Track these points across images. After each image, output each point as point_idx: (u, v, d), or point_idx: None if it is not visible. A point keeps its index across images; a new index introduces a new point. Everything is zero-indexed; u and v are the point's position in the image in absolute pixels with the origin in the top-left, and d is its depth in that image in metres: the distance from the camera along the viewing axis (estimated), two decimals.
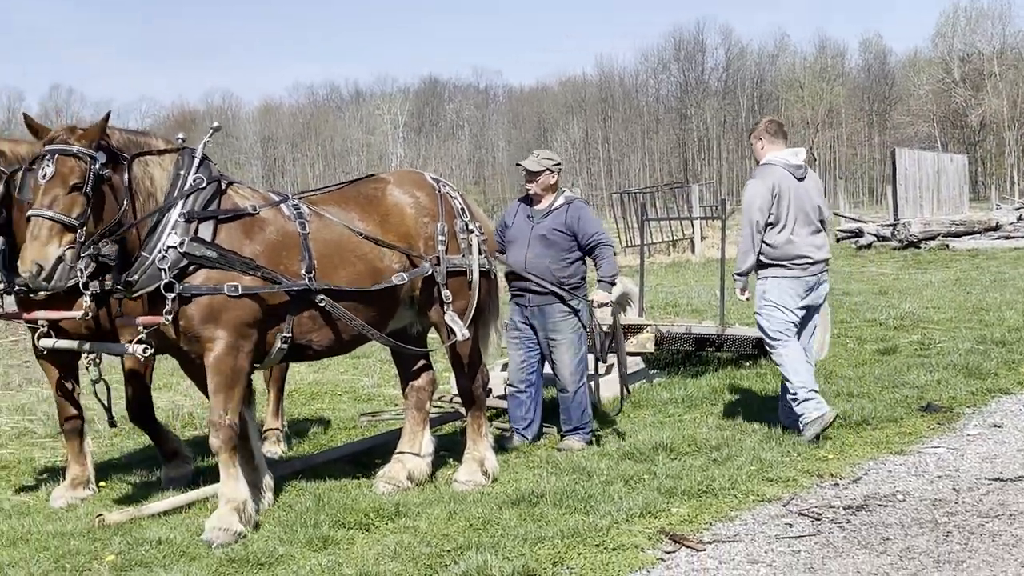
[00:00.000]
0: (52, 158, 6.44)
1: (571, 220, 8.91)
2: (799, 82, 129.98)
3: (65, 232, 6.36)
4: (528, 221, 9.02)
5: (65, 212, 6.36)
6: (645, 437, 8.82)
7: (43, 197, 6.38)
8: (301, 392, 12.19)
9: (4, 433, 10.40)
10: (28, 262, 6.25)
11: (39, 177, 6.44)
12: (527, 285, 8.91)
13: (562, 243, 8.90)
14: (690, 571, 6.05)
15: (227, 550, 6.46)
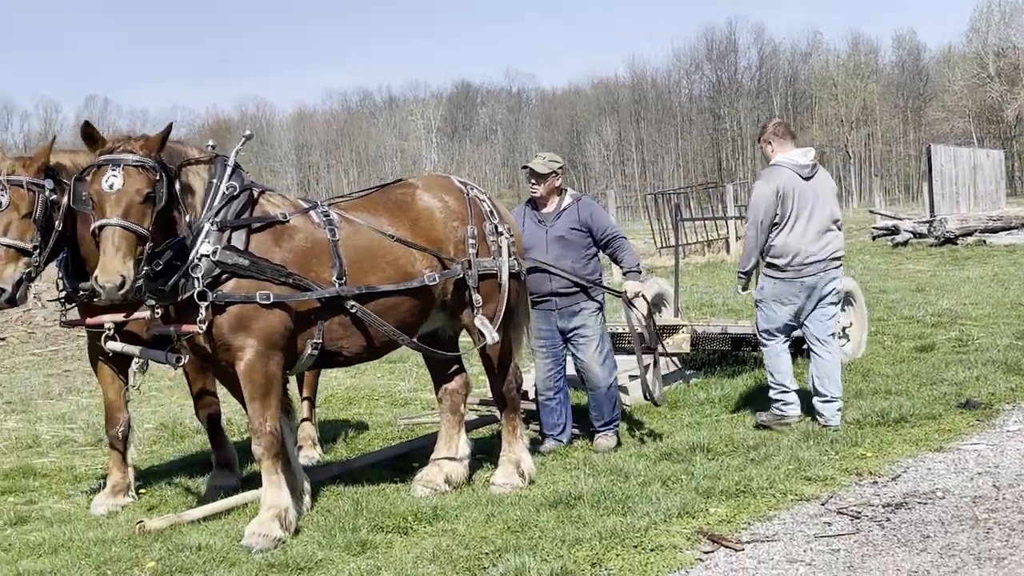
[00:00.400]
0: (118, 168, 6.45)
1: (584, 217, 8.95)
2: (832, 80, 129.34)
3: (138, 243, 6.40)
4: (540, 226, 9.01)
5: (137, 222, 6.39)
6: (682, 437, 8.80)
7: (115, 207, 6.39)
8: (338, 397, 12.24)
9: (45, 442, 10.49)
10: (113, 274, 6.25)
11: (106, 186, 6.41)
12: (553, 288, 8.89)
13: (580, 241, 8.94)
14: (729, 571, 6.03)
15: (266, 555, 6.50)
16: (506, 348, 8.11)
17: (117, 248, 6.31)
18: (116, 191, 6.40)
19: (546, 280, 8.84)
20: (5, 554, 6.91)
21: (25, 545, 7.06)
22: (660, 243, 29.83)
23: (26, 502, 8.36)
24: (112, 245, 6.32)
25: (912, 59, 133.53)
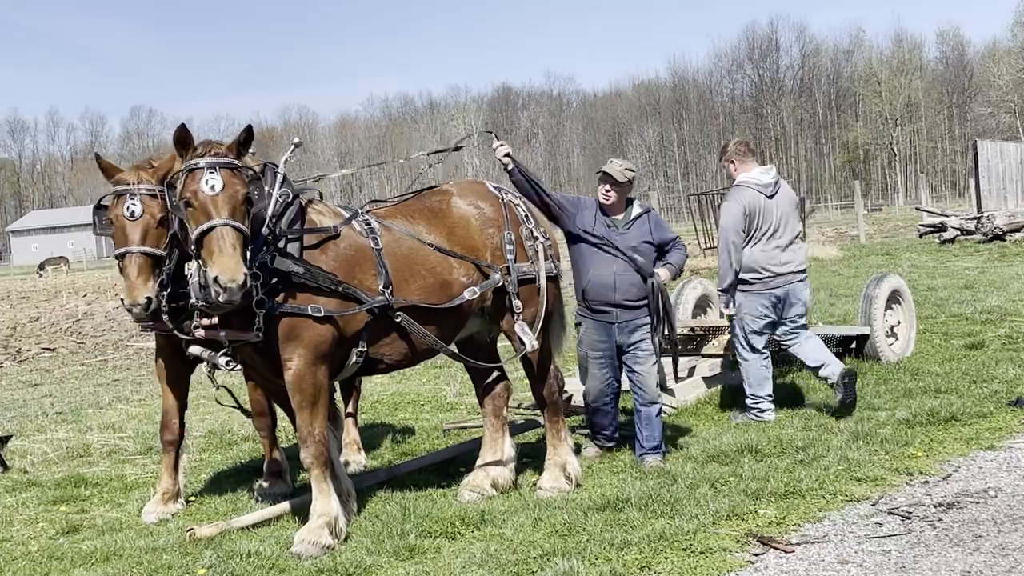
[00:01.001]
0: (216, 170, 6.46)
1: (654, 230, 8.54)
2: (876, 77, 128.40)
3: (244, 245, 6.44)
4: (610, 231, 8.49)
5: (240, 223, 6.43)
6: (730, 439, 8.76)
7: (222, 208, 6.39)
8: (384, 403, 12.27)
9: (95, 451, 10.58)
10: (236, 272, 6.25)
11: (207, 188, 6.41)
12: (617, 300, 8.41)
13: (648, 254, 8.46)
14: (779, 573, 5.99)
15: (316, 561, 6.52)
16: (546, 352, 8.10)
17: (234, 247, 6.33)
18: (219, 192, 6.41)
19: (610, 292, 8.41)
20: (58, 563, 6.97)
21: (78, 554, 7.12)
22: (704, 244, 29.67)
23: (78, 511, 8.44)
24: (229, 245, 6.33)
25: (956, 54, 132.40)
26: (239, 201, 6.45)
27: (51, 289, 52.34)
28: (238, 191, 6.45)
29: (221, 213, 6.37)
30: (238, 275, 6.25)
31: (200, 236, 6.39)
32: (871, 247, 33.74)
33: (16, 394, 15.97)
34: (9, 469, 9.89)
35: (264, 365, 7.01)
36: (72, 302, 39.46)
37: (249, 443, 10.25)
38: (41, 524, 8.08)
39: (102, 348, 22.48)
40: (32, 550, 7.35)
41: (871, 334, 11.90)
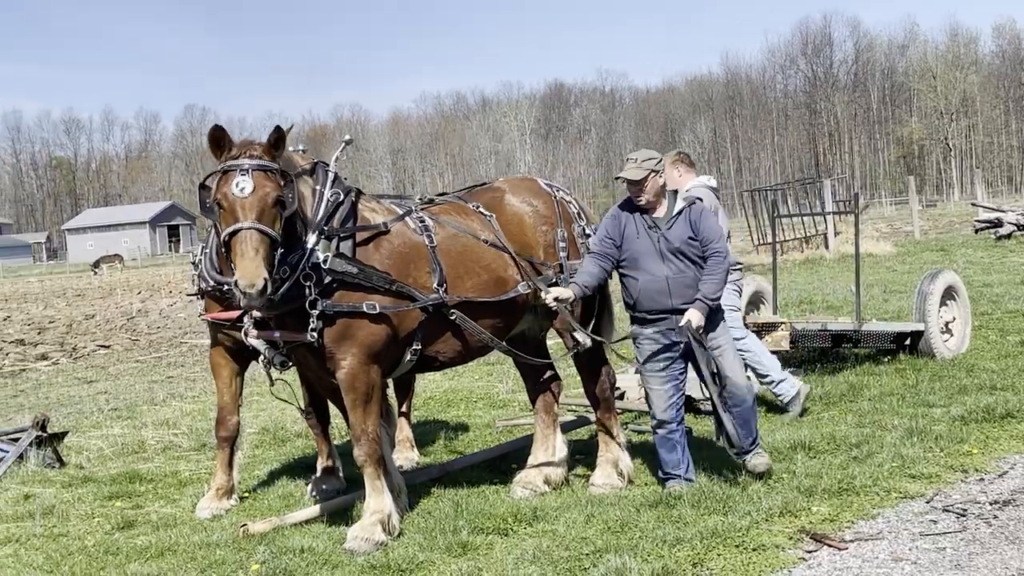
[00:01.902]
0: (247, 173, 6.44)
1: (694, 224, 7.61)
2: (931, 71, 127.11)
3: (271, 248, 6.42)
4: (652, 232, 7.62)
5: (269, 226, 6.41)
6: (783, 436, 8.70)
7: (248, 211, 6.37)
8: (437, 399, 12.30)
9: (150, 447, 10.68)
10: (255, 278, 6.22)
11: (236, 190, 6.39)
12: (673, 304, 7.52)
13: (698, 251, 7.61)
14: (833, 570, 5.95)
15: (368, 557, 6.55)
16: (598, 349, 8.08)
17: (256, 251, 6.31)
18: (250, 195, 6.40)
19: (665, 297, 7.55)
20: (113, 558, 7.05)
21: (133, 549, 7.19)
22: (757, 240, 29.56)
23: (133, 506, 8.52)
24: (251, 248, 6.31)
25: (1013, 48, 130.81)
26: (268, 204, 6.41)
27: (106, 287, 52.93)
28: (268, 194, 6.42)
29: (248, 216, 6.35)
30: (257, 280, 6.22)
31: (228, 238, 6.39)
32: (926, 243, 33.42)
33: (72, 390, 16.16)
34: (65, 465, 10.01)
35: (318, 364, 7.04)
36: (127, 299, 39.89)
37: (302, 439, 10.31)
38: (97, 519, 8.16)
39: (156, 345, 22.71)
40: (88, 545, 7.43)
41: (926, 330, 11.78)
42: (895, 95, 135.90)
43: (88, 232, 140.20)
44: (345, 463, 8.55)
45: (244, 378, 8.46)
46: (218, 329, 8.22)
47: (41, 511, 8.32)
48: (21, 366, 20.63)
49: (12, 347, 24.50)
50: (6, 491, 9.12)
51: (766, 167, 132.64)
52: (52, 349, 23.48)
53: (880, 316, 14.67)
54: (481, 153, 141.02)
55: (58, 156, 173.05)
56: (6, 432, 10.58)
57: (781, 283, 15.40)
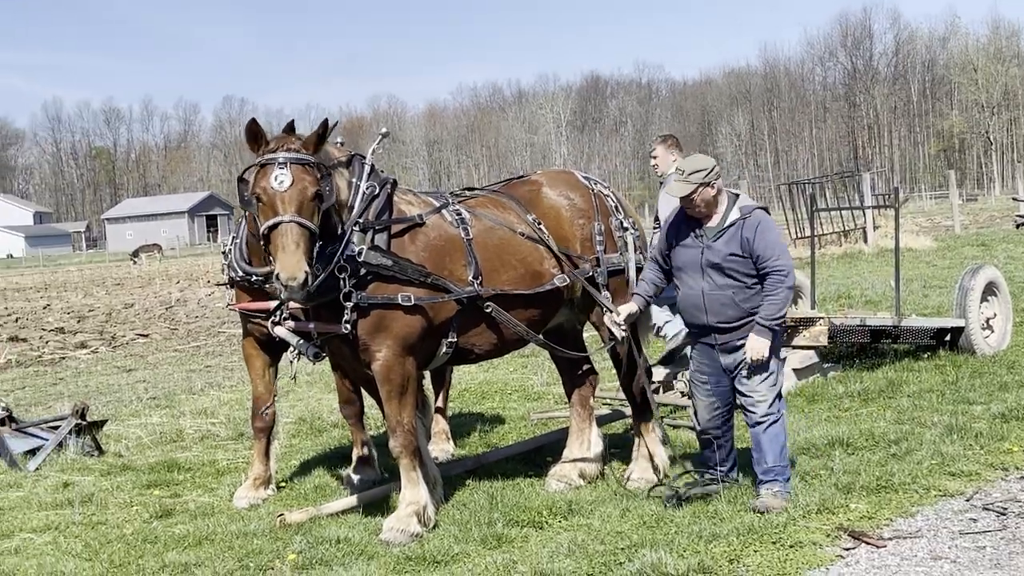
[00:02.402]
0: (286, 166, 6.47)
1: (746, 240, 7.03)
2: (972, 64, 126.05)
3: (310, 240, 6.43)
4: (697, 242, 7.19)
5: (308, 220, 6.43)
6: (820, 432, 8.65)
7: (288, 204, 6.39)
8: (472, 392, 12.31)
9: (188, 436, 10.74)
10: (296, 271, 6.24)
11: (275, 184, 6.42)
12: (709, 322, 7.18)
13: (742, 270, 7.06)
14: (871, 568, 5.91)
15: (404, 548, 6.57)
16: (634, 342, 8.05)
17: (297, 244, 6.33)
18: (287, 188, 6.41)
19: (700, 313, 7.20)
20: (152, 546, 7.09)
21: (171, 537, 7.24)
22: (795, 234, 29.39)
23: (171, 495, 8.57)
24: (292, 242, 6.33)
25: None
26: (307, 198, 6.44)
27: (145, 276, 53.28)
28: (307, 188, 6.44)
29: (288, 210, 6.37)
30: (298, 273, 6.24)
31: (267, 232, 6.42)
32: (966, 238, 33.15)
33: (111, 379, 16.27)
34: (104, 453, 10.08)
35: (353, 356, 7.06)
36: (165, 289, 40.15)
37: (338, 430, 10.34)
38: (135, 507, 8.22)
39: (195, 334, 22.83)
40: (126, 533, 7.49)
41: (966, 326, 11.68)
42: (936, 88, 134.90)
43: (127, 221, 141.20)
44: (381, 454, 8.57)
45: (278, 368, 8.49)
46: (248, 320, 8.26)
47: (80, 499, 8.39)
48: (61, 354, 20.79)
49: (52, 335, 24.69)
50: (45, 479, 9.20)
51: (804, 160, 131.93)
52: (91, 338, 23.64)
53: (920, 311, 14.57)
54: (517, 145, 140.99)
55: (98, 146, 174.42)
56: (46, 420, 10.66)
57: (819, 277, 15.31)
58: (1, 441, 9.95)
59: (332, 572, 6.24)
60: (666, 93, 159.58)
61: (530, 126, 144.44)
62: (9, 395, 14.14)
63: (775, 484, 7.04)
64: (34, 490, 8.85)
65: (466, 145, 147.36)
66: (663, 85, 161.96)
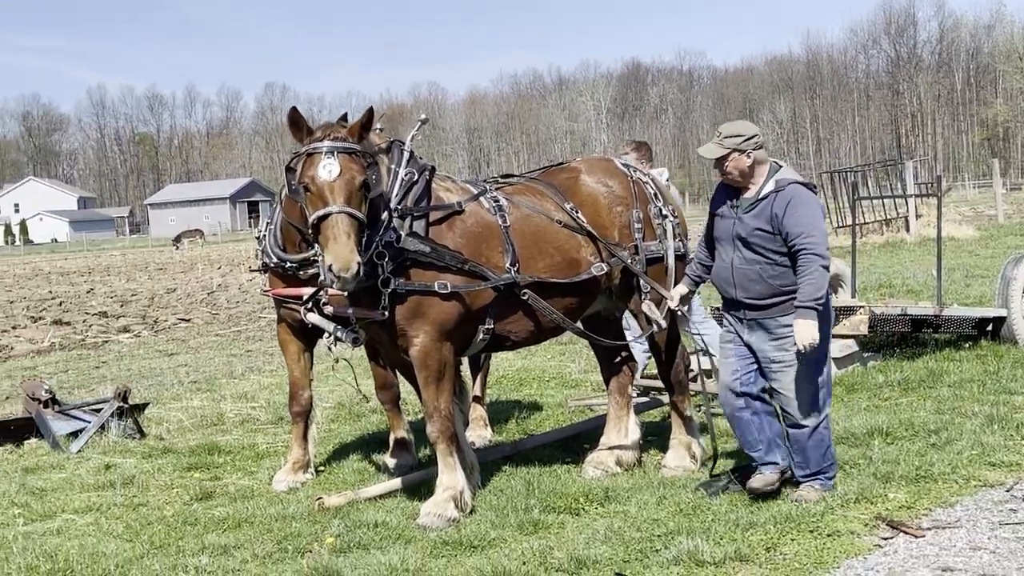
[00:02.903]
0: (334, 155, 6.49)
1: (775, 215, 6.69)
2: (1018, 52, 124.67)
3: (360, 231, 6.47)
4: (732, 212, 6.93)
5: (357, 209, 6.46)
6: (860, 421, 8.61)
7: (338, 195, 6.41)
8: (509, 378, 12.32)
9: (228, 420, 10.81)
10: (350, 262, 6.27)
11: (325, 174, 6.44)
12: (737, 296, 6.93)
13: (770, 246, 6.75)
14: (909, 558, 5.88)
15: (441, 533, 6.60)
16: (673, 332, 8.03)
17: (348, 235, 6.35)
18: (336, 178, 6.44)
19: (730, 287, 6.96)
20: (191, 528, 7.16)
21: (210, 520, 7.30)
22: (837, 222, 29.22)
23: (211, 478, 8.64)
24: (344, 233, 6.35)
25: None
26: (356, 187, 6.46)
27: (187, 261, 53.68)
28: (355, 177, 6.47)
29: (337, 200, 6.40)
30: (352, 264, 6.28)
31: (317, 222, 6.43)
32: (1009, 227, 32.86)
33: (153, 363, 16.41)
34: (146, 436, 10.17)
35: (391, 342, 7.08)
36: (207, 274, 40.42)
37: (376, 415, 10.38)
38: (176, 490, 8.29)
39: (236, 319, 22.98)
40: (167, 515, 7.55)
41: (1008, 316, 11.58)
42: (980, 76, 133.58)
43: (170, 207, 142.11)
44: (419, 439, 8.60)
45: (313, 353, 8.52)
46: (281, 305, 8.30)
47: (121, 481, 8.47)
48: (104, 338, 20.98)
49: (95, 319, 24.92)
50: (88, 461, 9.30)
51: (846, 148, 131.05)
52: (134, 322, 23.84)
53: (961, 301, 14.46)
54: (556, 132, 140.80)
55: (141, 132, 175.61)
56: (89, 403, 10.77)
57: (860, 266, 15.23)
58: (44, 423, 10.06)
59: (369, 556, 6.27)
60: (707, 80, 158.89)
61: (570, 113, 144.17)
62: (53, 378, 14.29)
63: (817, 480, 6.92)
64: (76, 472, 8.95)
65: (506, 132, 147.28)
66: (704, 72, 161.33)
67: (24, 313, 27.56)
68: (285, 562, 6.33)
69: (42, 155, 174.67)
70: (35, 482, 8.65)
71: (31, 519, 7.69)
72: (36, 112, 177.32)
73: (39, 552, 6.67)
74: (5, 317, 26.71)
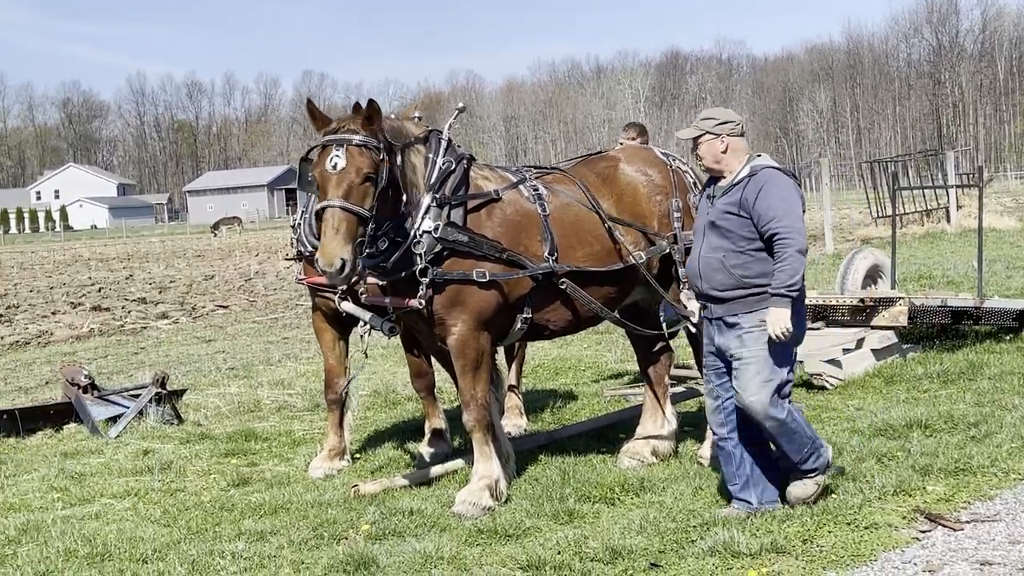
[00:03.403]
0: (342, 148, 6.49)
1: (747, 197, 6.36)
2: None
3: (359, 225, 6.46)
4: (707, 202, 6.66)
5: (358, 204, 6.45)
6: (899, 413, 8.54)
7: (336, 188, 6.43)
8: (545, 367, 12.31)
9: (265, 406, 10.86)
10: (333, 257, 6.28)
11: (329, 167, 6.46)
12: (703, 289, 6.57)
13: (737, 231, 6.39)
14: (947, 551, 5.83)
15: (476, 522, 6.60)
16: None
17: (336, 230, 6.35)
18: (338, 172, 6.45)
19: (696, 278, 6.62)
20: (228, 513, 7.19)
21: (247, 505, 7.33)
22: (876, 212, 29.03)
23: (248, 464, 8.68)
24: (332, 228, 6.36)
25: None
26: (356, 181, 6.43)
27: (225, 248, 53.96)
28: (358, 171, 6.44)
29: (335, 194, 6.41)
30: (334, 260, 6.27)
31: (319, 213, 6.49)
32: None
33: (191, 349, 16.51)
34: (184, 421, 10.23)
35: (429, 330, 7.09)
36: (245, 261, 40.63)
37: (412, 403, 10.40)
38: (213, 476, 8.34)
39: (273, 306, 23.07)
40: (204, 500, 7.60)
41: None
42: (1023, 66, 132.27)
43: (208, 194, 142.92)
44: (454, 428, 8.60)
45: (348, 341, 8.54)
46: (316, 294, 8.32)
47: (159, 466, 8.53)
48: (142, 324, 21.12)
49: (134, 305, 25.09)
50: (126, 446, 9.36)
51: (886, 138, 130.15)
52: (172, 308, 23.99)
53: (1002, 293, 14.33)
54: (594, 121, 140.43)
55: (180, 119, 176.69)
56: (127, 388, 10.84)
57: (900, 257, 15.13)
58: (84, 408, 10.13)
59: (405, 543, 6.28)
60: (747, 69, 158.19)
61: (608, 102, 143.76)
62: (92, 363, 14.40)
63: (801, 478, 6.55)
64: (115, 457, 9.01)
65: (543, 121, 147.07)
66: (744, 61, 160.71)
67: (64, 299, 27.78)
68: (321, 548, 6.35)
69: (82, 142, 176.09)
70: (74, 467, 8.72)
71: (70, 503, 7.75)
72: (76, 99, 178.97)
73: (78, 536, 6.73)
74: (45, 303, 26.93)
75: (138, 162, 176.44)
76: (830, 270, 18.66)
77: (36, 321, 22.48)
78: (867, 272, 12.63)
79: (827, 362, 10.15)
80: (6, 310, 25.14)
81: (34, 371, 14.92)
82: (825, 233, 26.12)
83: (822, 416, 8.94)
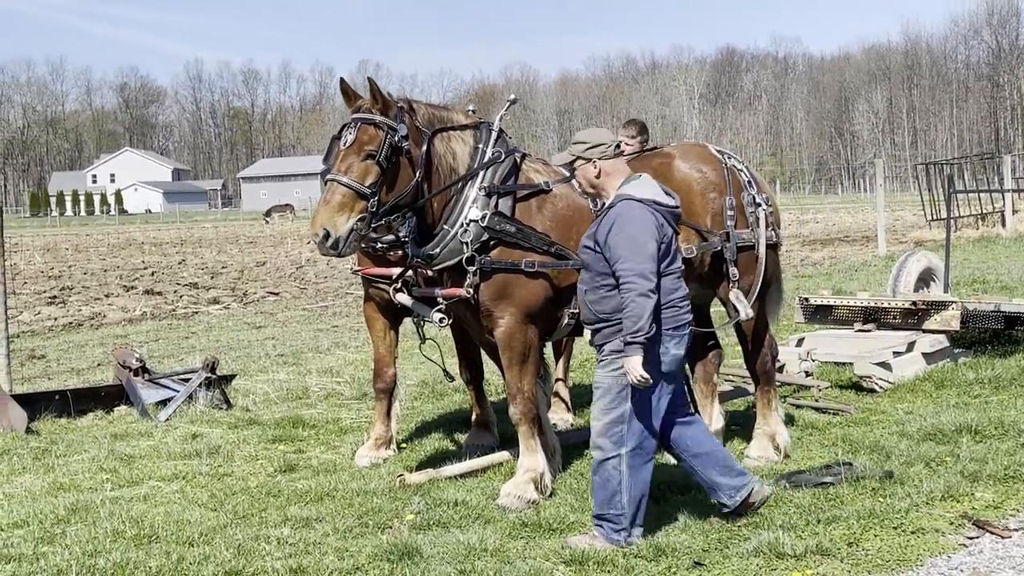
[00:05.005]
0: (355, 126, 6.66)
1: (601, 231, 6.17)
2: None
3: (358, 200, 6.55)
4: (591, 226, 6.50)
5: (358, 180, 6.55)
6: (948, 418, 8.46)
7: (340, 163, 6.61)
8: (593, 362, 12.26)
9: (314, 394, 10.92)
10: (318, 227, 6.46)
11: (341, 142, 6.69)
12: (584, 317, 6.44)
13: (595, 264, 6.20)
14: (995, 558, 5.78)
15: (520, 515, 6.61)
16: (761, 321, 7.95)
17: (328, 202, 6.52)
18: (345, 147, 6.65)
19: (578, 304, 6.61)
20: (274, 499, 7.25)
21: (293, 492, 7.39)
22: (931, 215, 28.76)
23: (295, 451, 8.73)
24: (325, 199, 6.55)
25: None
26: (358, 157, 6.58)
27: (277, 235, 54.28)
28: (360, 147, 6.60)
29: (336, 168, 6.61)
30: (319, 229, 6.45)
31: None
32: None
33: (241, 335, 16.62)
34: (232, 407, 10.31)
35: (476, 321, 7.11)
36: (296, 249, 40.85)
37: (459, 394, 10.42)
38: (260, 461, 8.40)
39: (323, 295, 23.19)
40: (251, 486, 7.66)
41: None
42: None
43: (262, 181, 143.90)
44: (501, 420, 8.62)
45: (398, 331, 8.57)
46: (370, 284, 8.35)
47: (207, 450, 8.60)
48: (194, 309, 21.29)
49: (186, 290, 25.30)
50: (175, 429, 9.45)
51: (943, 140, 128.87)
52: (224, 294, 24.16)
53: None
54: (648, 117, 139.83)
55: (236, 106, 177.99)
56: (177, 372, 10.94)
57: (954, 261, 14.98)
58: (134, 391, 10.24)
59: (449, 534, 6.31)
60: (802, 68, 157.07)
61: (662, 98, 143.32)
62: (143, 347, 14.52)
63: (596, 528, 6.19)
64: (164, 440, 9.10)
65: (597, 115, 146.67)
66: (800, 59, 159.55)
67: (117, 282, 28.07)
68: (365, 537, 6.39)
69: (138, 126, 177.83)
70: (123, 448, 8.81)
71: (119, 485, 7.84)
72: (133, 84, 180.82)
73: (126, 517, 6.80)
74: (99, 285, 27.22)
75: (193, 148, 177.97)
76: (882, 272, 18.50)
77: (89, 303, 22.71)
78: (920, 275, 12.51)
79: (877, 364, 10.07)
80: (60, 292, 25.43)
81: (86, 353, 15.09)
82: (878, 235, 25.89)
83: (871, 419, 8.88)
